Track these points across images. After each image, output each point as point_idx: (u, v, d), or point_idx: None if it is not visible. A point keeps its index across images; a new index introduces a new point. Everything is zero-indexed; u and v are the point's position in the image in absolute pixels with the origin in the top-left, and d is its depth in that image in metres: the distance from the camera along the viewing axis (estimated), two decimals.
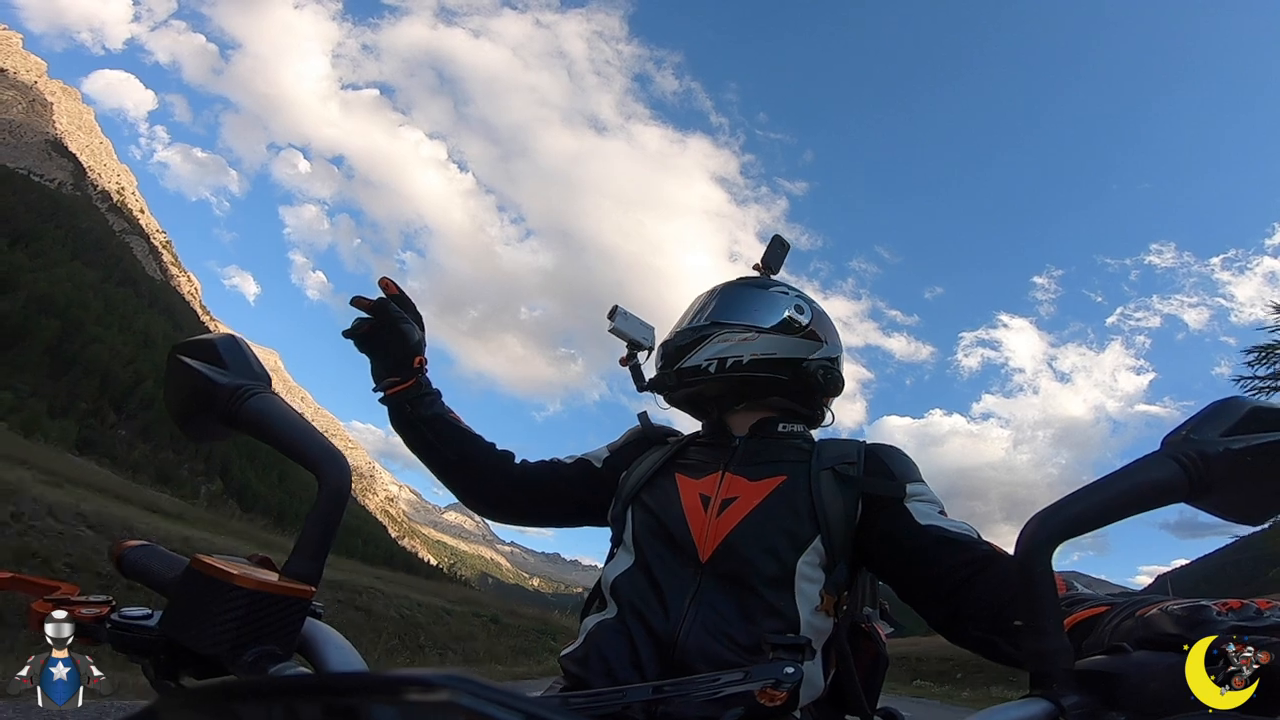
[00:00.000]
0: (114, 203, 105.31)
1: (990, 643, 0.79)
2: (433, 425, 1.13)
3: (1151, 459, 0.53)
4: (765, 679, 0.76)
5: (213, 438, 0.69)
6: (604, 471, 1.14)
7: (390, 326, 1.09)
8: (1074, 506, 0.52)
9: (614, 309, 1.18)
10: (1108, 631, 0.55)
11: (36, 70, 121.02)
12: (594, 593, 1.05)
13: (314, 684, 0.28)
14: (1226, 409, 0.54)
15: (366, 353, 1.13)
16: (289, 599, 0.55)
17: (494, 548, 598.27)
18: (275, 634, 0.54)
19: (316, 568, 0.59)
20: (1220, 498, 0.53)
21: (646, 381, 1.15)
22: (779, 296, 1.13)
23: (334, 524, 0.60)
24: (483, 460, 1.16)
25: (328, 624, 0.62)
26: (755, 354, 1.06)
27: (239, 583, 0.53)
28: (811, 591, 0.91)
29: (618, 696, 0.75)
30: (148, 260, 71.98)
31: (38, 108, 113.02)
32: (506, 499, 1.16)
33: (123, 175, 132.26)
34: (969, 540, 0.87)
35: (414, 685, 0.23)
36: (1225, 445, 0.52)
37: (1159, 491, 0.52)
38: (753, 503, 0.96)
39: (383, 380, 1.13)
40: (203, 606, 0.53)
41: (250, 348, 0.69)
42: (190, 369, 0.64)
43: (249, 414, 0.62)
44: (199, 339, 0.68)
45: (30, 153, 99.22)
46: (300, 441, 0.62)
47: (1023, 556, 0.51)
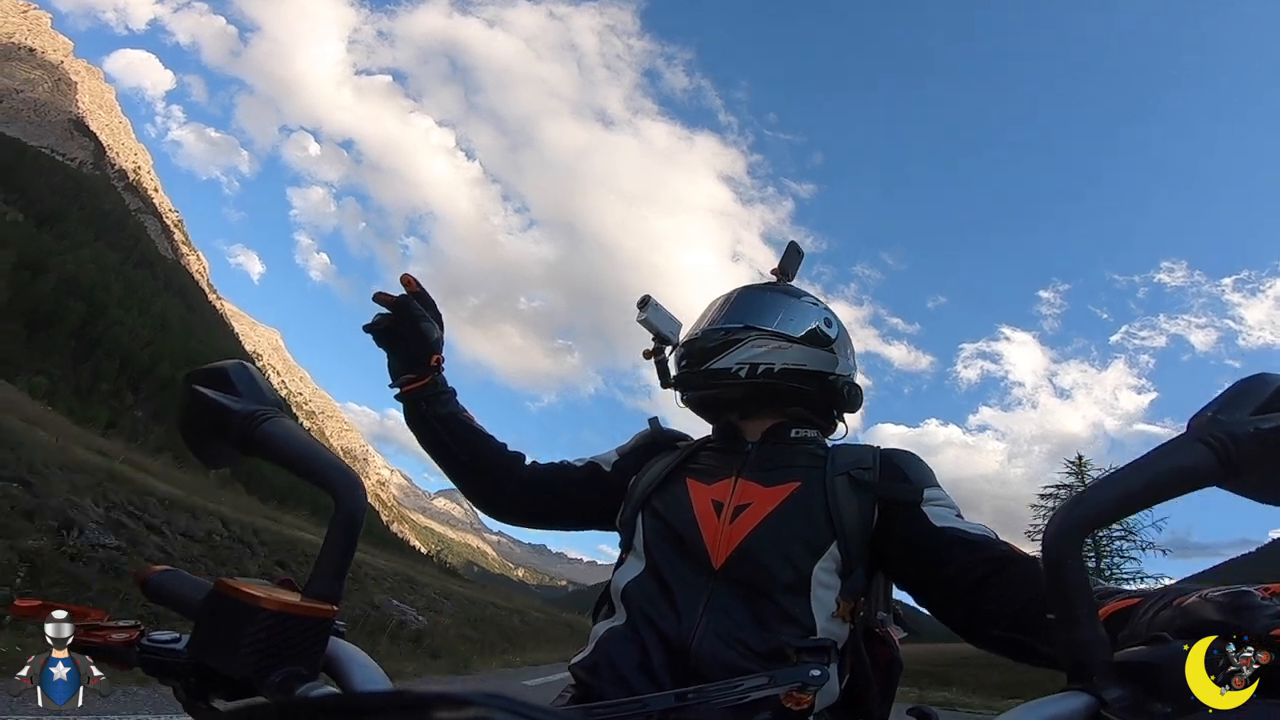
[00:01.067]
0: (130, 181, 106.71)
1: (1014, 641, 0.78)
2: (447, 424, 1.13)
3: (1178, 443, 0.52)
4: (791, 683, 0.75)
5: (228, 462, 0.70)
6: (613, 475, 1.13)
7: (410, 323, 1.08)
8: (1102, 494, 0.51)
9: (645, 298, 1.15)
10: (1144, 623, 0.53)
11: (63, 50, 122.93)
12: (603, 598, 1.03)
13: (345, 704, 0.28)
14: (1253, 387, 0.53)
15: (385, 348, 1.12)
16: (312, 619, 0.56)
17: (481, 536, 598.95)
18: (301, 654, 0.54)
19: (337, 587, 0.59)
20: (1253, 479, 0.52)
21: (671, 378, 1.14)
22: (810, 308, 1.12)
23: (352, 544, 0.61)
24: (494, 462, 1.15)
25: (352, 642, 0.63)
26: (787, 363, 1.05)
27: (264, 605, 0.53)
28: (828, 598, 0.90)
29: (640, 705, 0.75)
30: (160, 239, 72.97)
31: (62, 87, 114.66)
32: (516, 501, 1.16)
33: (139, 154, 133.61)
34: (987, 540, 0.86)
35: (444, 703, 0.23)
36: (1255, 425, 0.50)
37: (1189, 476, 0.51)
38: (766, 509, 0.95)
39: (400, 377, 1.12)
40: (229, 629, 0.54)
41: (261, 373, 0.70)
42: (204, 398, 0.66)
43: (263, 438, 0.63)
44: (211, 367, 0.69)
45: (53, 131, 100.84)
46: (315, 464, 0.62)
47: (1051, 547, 0.50)
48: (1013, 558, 0.83)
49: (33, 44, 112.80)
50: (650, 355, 1.17)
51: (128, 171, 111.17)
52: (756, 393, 1.06)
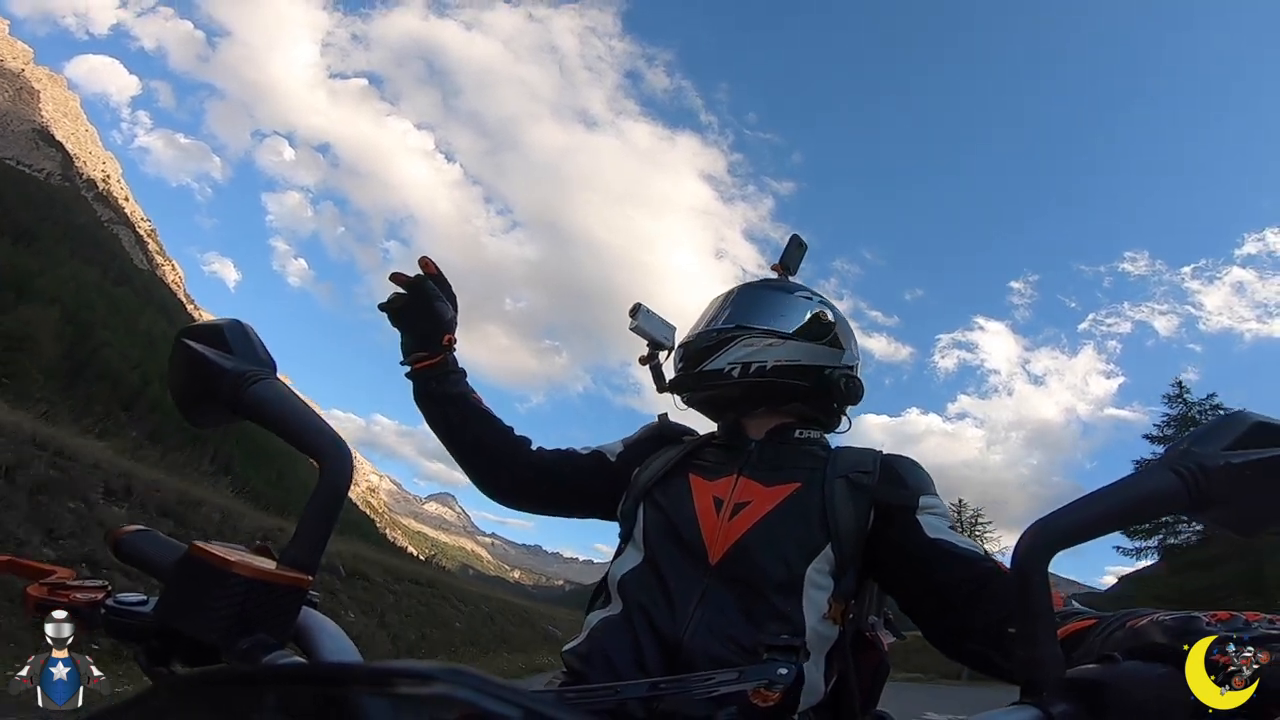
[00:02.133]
0: (100, 191, 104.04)
1: (984, 656, 0.79)
2: (456, 404, 1.13)
3: (1151, 470, 0.53)
4: (759, 679, 0.76)
5: (217, 423, 0.68)
6: (618, 465, 1.13)
7: (424, 304, 1.10)
8: (1072, 516, 0.52)
9: (636, 306, 1.15)
10: (1098, 643, 0.55)
11: (23, 57, 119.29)
12: (599, 587, 1.04)
13: (306, 673, 0.28)
14: (1230, 423, 0.54)
15: (399, 327, 1.13)
16: (286, 588, 0.55)
17: (475, 539, 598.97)
18: (271, 623, 0.54)
19: (315, 557, 0.58)
20: (1219, 511, 0.53)
21: (667, 382, 1.14)
22: (803, 301, 1.12)
23: (334, 513, 0.59)
24: (501, 444, 1.15)
25: (326, 613, 0.62)
26: (779, 360, 1.05)
27: (236, 570, 0.52)
28: (819, 599, 0.91)
29: (612, 693, 0.75)
30: (135, 251, 71.02)
31: (24, 96, 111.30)
32: (522, 485, 1.16)
33: (108, 163, 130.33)
34: (975, 556, 0.87)
35: (407, 677, 0.23)
36: (1226, 459, 0.51)
37: (1158, 503, 0.52)
38: (765, 508, 0.95)
39: (411, 354, 1.13)
40: (199, 593, 0.53)
41: (257, 334, 0.68)
42: (196, 354, 0.64)
43: (253, 400, 0.61)
44: (206, 323, 0.67)
45: (18, 142, 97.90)
46: (304, 428, 0.61)
47: (1019, 565, 0.50)
48: (996, 575, 0.84)
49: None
50: (645, 361, 1.18)
51: (96, 181, 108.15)
52: (752, 391, 1.07)
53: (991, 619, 0.79)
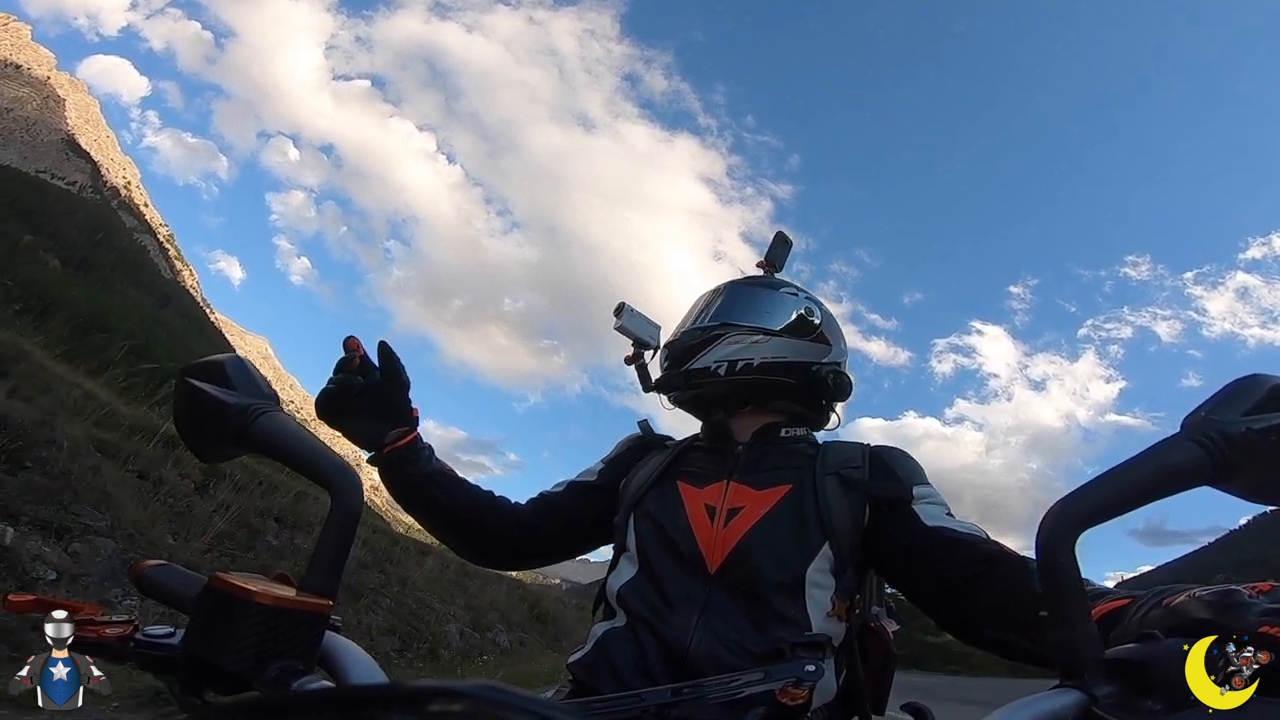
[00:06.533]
0: (123, 199, 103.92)
1: (1005, 640, 0.78)
2: (437, 481, 1.05)
3: (1171, 442, 0.52)
4: (786, 678, 0.75)
5: (224, 457, 0.69)
6: (601, 483, 1.11)
7: (386, 377, 0.98)
8: (1095, 493, 0.51)
9: (620, 306, 1.13)
10: (1135, 622, 0.53)
11: (47, 64, 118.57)
12: (599, 598, 1.03)
13: (340, 697, 0.28)
14: (1246, 387, 0.53)
15: (341, 417, 0.98)
16: (308, 613, 0.55)
17: None
18: (296, 649, 0.54)
19: (333, 582, 0.59)
20: (1244, 479, 0.52)
21: (653, 381, 1.13)
22: (789, 298, 1.11)
23: (348, 539, 0.60)
24: (489, 513, 1.09)
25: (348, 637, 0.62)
26: (765, 357, 1.04)
27: (258, 599, 0.53)
28: (822, 598, 0.90)
29: (636, 700, 0.75)
30: (159, 260, 70.89)
31: (51, 104, 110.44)
32: (516, 548, 1.11)
33: (128, 168, 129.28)
34: (976, 540, 0.87)
35: (439, 696, 0.23)
36: (1247, 425, 0.50)
37: (1181, 475, 0.51)
38: (759, 513, 0.95)
39: (375, 437, 1.01)
40: (224, 624, 0.53)
41: (256, 368, 0.69)
42: (200, 391, 0.65)
43: (260, 432, 0.63)
44: (206, 361, 0.68)
45: (49, 154, 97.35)
46: (312, 458, 0.62)
47: (1045, 545, 0.50)
48: (1002, 557, 0.83)
49: (17, 59, 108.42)
50: (631, 361, 1.16)
51: (119, 189, 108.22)
52: (739, 389, 1.05)
53: (1003, 600, 0.78)
